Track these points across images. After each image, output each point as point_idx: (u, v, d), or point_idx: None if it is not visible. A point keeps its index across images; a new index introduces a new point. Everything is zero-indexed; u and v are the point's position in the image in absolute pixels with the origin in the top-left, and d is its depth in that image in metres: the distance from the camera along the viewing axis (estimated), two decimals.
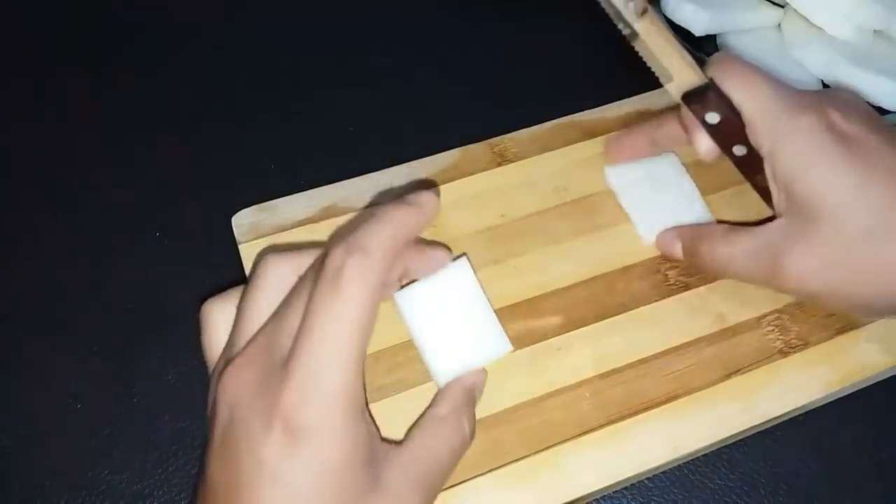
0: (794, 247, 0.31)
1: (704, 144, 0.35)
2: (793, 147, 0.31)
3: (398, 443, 0.29)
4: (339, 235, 0.27)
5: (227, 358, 0.28)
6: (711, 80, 0.33)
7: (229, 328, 0.29)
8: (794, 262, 0.31)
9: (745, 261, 0.33)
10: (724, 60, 0.34)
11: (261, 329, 0.28)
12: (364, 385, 0.27)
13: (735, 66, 0.33)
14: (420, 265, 0.32)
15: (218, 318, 0.30)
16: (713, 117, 0.33)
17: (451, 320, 0.33)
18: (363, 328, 0.26)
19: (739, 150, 0.34)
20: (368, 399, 0.34)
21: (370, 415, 0.28)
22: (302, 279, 0.28)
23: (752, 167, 0.34)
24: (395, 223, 0.28)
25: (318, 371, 0.25)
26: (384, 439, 0.29)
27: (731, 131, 0.33)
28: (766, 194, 0.34)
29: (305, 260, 0.29)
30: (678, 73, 0.35)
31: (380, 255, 0.26)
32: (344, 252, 0.26)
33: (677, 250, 0.37)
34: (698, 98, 0.34)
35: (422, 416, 0.30)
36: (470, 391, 0.32)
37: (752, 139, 0.33)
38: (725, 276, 0.36)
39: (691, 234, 0.37)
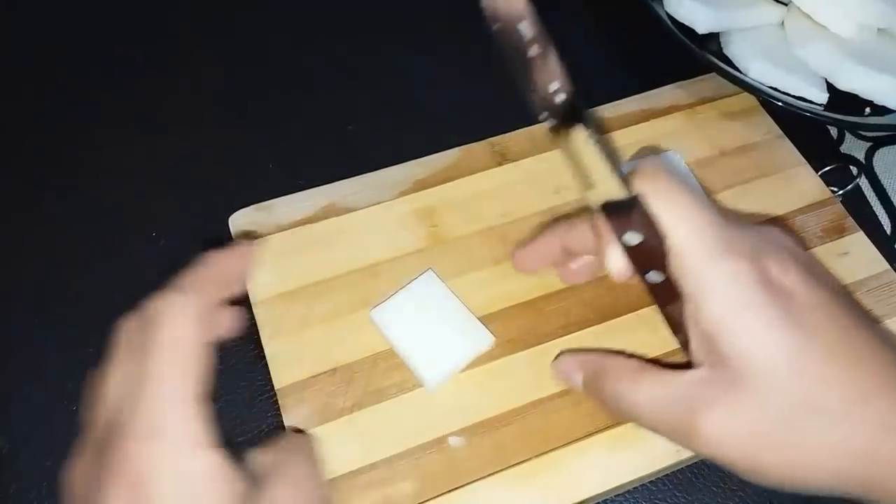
0: (713, 407, 0.27)
1: (617, 263, 0.30)
2: (722, 296, 0.27)
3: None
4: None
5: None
6: (637, 196, 0.28)
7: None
8: (712, 425, 0.26)
9: (654, 411, 0.28)
10: (655, 177, 0.28)
11: (94, 408, 0.27)
12: (210, 419, 0.26)
13: (666, 186, 0.28)
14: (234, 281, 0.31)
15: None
16: (633, 237, 0.28)
17: (429, 326, 0.35)
18: (189, 356, 0.25)
19: (655, 277, 0.29)
20: (370, 401, 0.34)
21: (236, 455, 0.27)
22: (113, 349, 0.28)
23: (665, 297, 0.29)
24: (210, 264, 0.30)
25: (147, 413, 0.24)
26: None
27: (649, 255, 0.28)
28: (677, 330, 0.30)
29: None
30: (601, 181, 0.28)
31: (195, 289, 0.27)
32: (157, 298, 0.27)
33: (577, 381, 0.33)
34: (619, 213, 0.28)
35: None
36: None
37: (676, 273, 0.28)
38: (631, 421, 0.31)
39: (594, 368, 0.32)
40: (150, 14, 0.52)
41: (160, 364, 0.25)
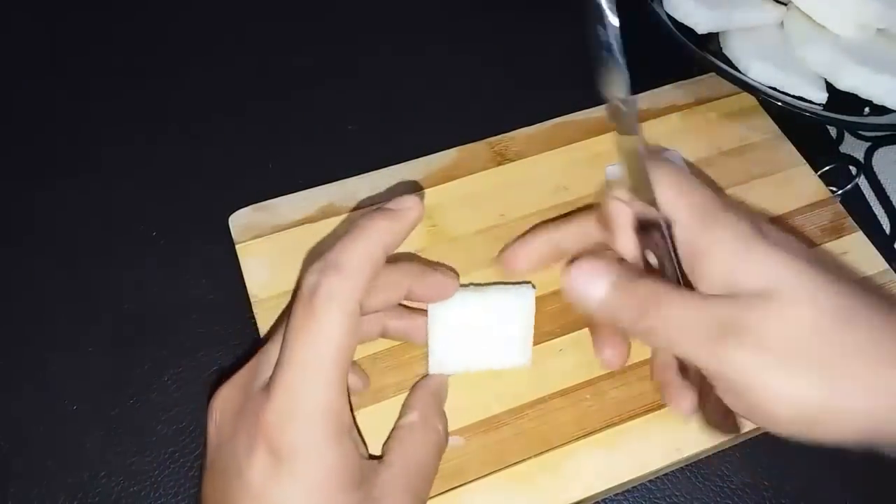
0: (745, 329, 0.26)
1: (628, 249, 0.30)
2: (732, 239, 0.27)
3: (379, 458, 0.29)
4: (317, 252, 0.27)
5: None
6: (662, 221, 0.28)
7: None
8: (745, 345, 0.26)
9: (683, 331, 0.27)
10: (665, 166, 0.30)
11: (252, 359, 0.28)
12: (350, 404, 0.27)
13: (671, 171, 0.29)
14: (424, 291, 0.31)
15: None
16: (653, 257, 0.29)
17: (481, 336, 0.33)
18: (342, 347, 0.26)
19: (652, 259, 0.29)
20: (369, 400, 0.34)
21: (359, 432, 0.28)
22: (286, 311, 0.29)
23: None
24: (372, 235, 0.27)
25: (298, 392, 0.25)
26: (370, 456, 0.29)
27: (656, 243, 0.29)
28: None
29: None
30: (638, 185, 0.29)
31: (355, 272, 0.26)
32: (318, 272, 0.26)
33: (597, 292, 0.29)
34: (648, 230, 0.29)
35: (394, 428, 0.31)
36: (436, 394, 0.32)
37: (684, 238, 0.28)
38: (651, 342, 0.30)
39: (620, 277, 0.29)
40: (150, 14, 0.52)
41: (317, 346, 0.25)
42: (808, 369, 0.26)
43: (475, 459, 0.33)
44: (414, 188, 0.41)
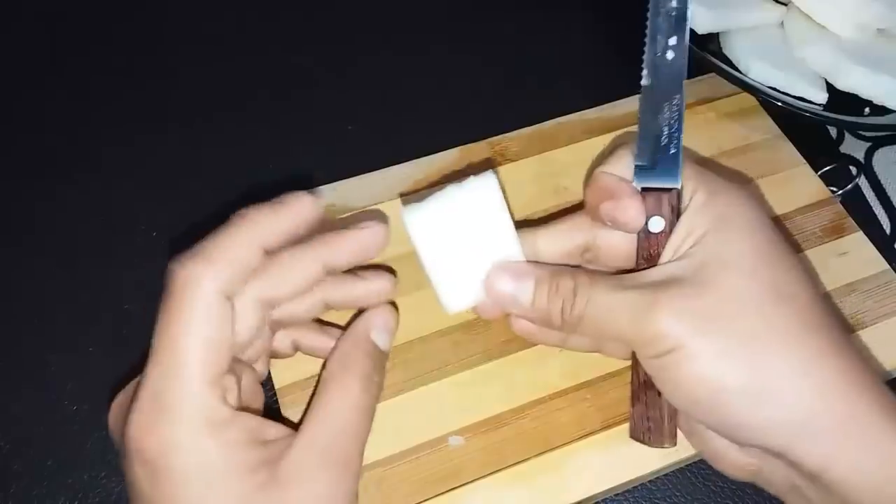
0: (675, 293, 0.26)
1: (635, 211, 0.30)
2: (727, 196, 0.29)
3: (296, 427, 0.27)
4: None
5: None
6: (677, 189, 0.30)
7: None
8: (672, 308, 0.26)
9: (612, 310, 0.27)
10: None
11: None
12: (234, 392, 0.26)
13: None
14: (345, 296, 0.30)
15: None
16: (657, 223, 0.30)
17: (467, 243, 0.30)
18: (207, 339, 0.24)
19: (656, 226, 0.30)
20: None
21: (257, 413, 0.27)
22: None
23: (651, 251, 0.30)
24: (244, 226, 0.26)
25: (158, 390, 0.24)
26: (284, 429, 0.27)
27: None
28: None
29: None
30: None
31: (218, 260, 0.25)
32: (178, 261, 0.25)
33: (525, 294, 0.29)
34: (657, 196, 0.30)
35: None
36: (359, 337, 0.29)
37: (688, 187, 0.30)
38: (589, 331, 0.29)
39: (547, 274, 0.29)
40: (149, 14, 0.52)
41: (175, 338, 0.24)
42: (732, 339, 0.26)
43: (475, 459, 0.33)
44: (414, 187, 0.41)
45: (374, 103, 0.47)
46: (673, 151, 0.30)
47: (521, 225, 0.33)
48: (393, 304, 0.32)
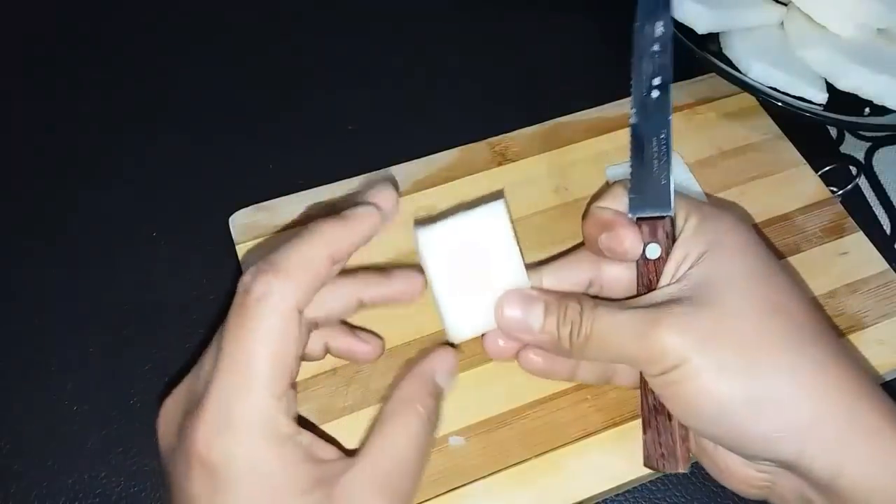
0: (677, 313, 0.27)
1: (632, 240, 0.30)
2: (718, 220, 0.30)
3: (353, 453, 0.27)
4: (253, 256, 0.27)
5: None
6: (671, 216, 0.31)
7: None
8: (673, 326, 0.27)
9: (617, 331, 0.28)
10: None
11: (190, 373, 0.27)
12: (294, 407, 0.26)
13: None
14: (378, 293, 0.30)
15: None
16: (654, 250, 0.31)
17: (476, 271, 0.30)
18: (278, 353, 0.25)
19: (653, 253, 0.31)
20: (367, 402, 0.34)
21: (320, 434, 0.27)
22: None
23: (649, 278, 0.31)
24: (316, 240, 0.26)
25: (227, 401, 0.24)
26: (340, 450, 0.27)
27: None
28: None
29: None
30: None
31: (293, 274, 0.25)
32: (253, 272, 0.25)
33: (534, 321, 0.29)
34: (652, 225, 0.31)
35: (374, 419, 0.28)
36: (424, 376, 0.29)
37: (680, 215, 0.31)
38: (595, 354, 0.29)
39: (556, 300, 0.29)
40: (150, 14, 0.52)
41: (249, 350, 0.24)
42: (733, 352, 0.26)
43: (476, 460, 0.33)
44: (415, 188, 0.41)
45: (374, 103, 0.47)
46: (664, 182, 0.32)
47: (521, 223, 0.33)
48: (451, 345, 0.32)
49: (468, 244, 0.31)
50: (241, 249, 0.38)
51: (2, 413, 0.36)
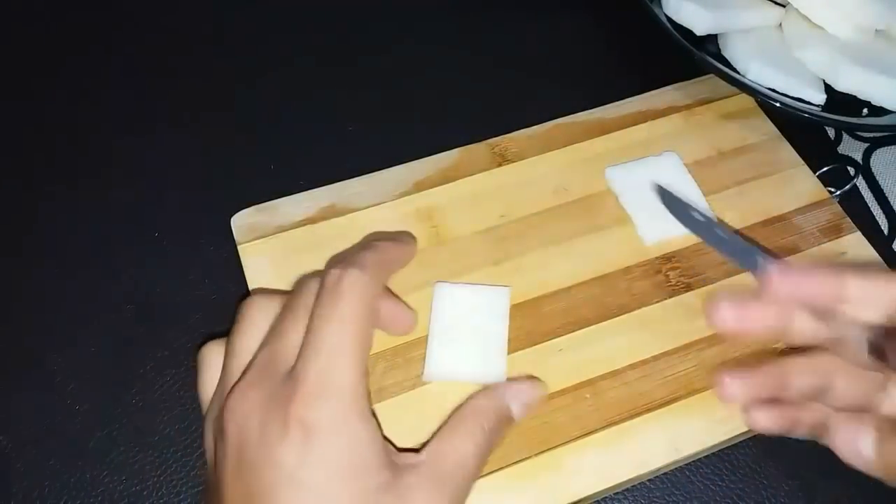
0: None
1: None
2: None
3: (417, 451, 0.29)
4: (334, 260, 0.29)
5: (222, 392, 0.29)
6: None
7: (265, 329, 0.30)
8: None
9: None
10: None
11: (256, 355, 0.29)
12: (368, 390, 0.28)
13: None
14: (387, 315, 0.33)
15: (215, 359, 0.30)
16: None
17: (470, 331, 0.35)
18: (364, 331, 0.28)
19: None
20: (371, 400, 0.34)
21: (378, 424, 0.29)
22: (292, 304, 0.29)
23: None
24: (385, 250, 0.31)
25: (327, 370, 0.26)
26: (404, 449, 0.29)
27: None
28: None
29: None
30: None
31: (373, 270, 0.29)
32: (341, 268, 0.28)
33: (865, 450, 0.29)
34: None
35: (439, 427, 0.30)
36: (495, 397, 0.31)
37: None
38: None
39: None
40: (150, 14, 0.52)
41: (343, 331, 0.27)
42: None
43: None
44: (415, 188, 0.41)
45: (374, 103, 0.48)
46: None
47: (522, 223, 0.33)
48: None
49: (469, 314, 0.35)
50: (243, 250, 0.39)
51: (2, 413, 0.37)
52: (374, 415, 0.28)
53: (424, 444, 0.29)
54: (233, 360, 0.29)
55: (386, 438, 0.28)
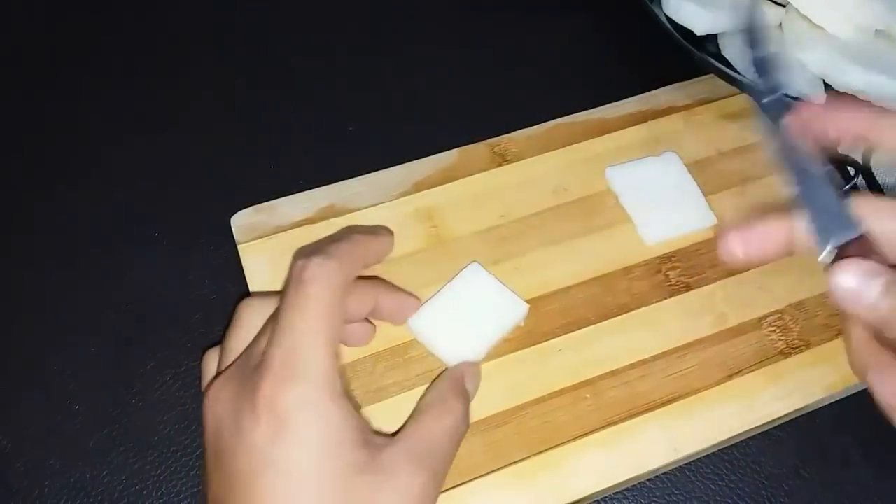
0: None
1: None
2: None
3: (393, 434, 0.29)
4: (301, 252, 0.29)
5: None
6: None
7: (257, 329, 0.30)
8: None
9: None
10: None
11: (241, 354, 0.29)
12: (343, 375, 0.28)
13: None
14: (390, 307, 0.34)
15: (212, 364, 0.31)
16: None
17: (470, 317, 0.35)
18: (330, 315, 0.27)
19: None
20: (370, 400, 0.34)
21: (358, 408, 0.29)
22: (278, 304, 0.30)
23: None
24: (355, 240, 0.31)
25: (292, 352, 0.26)
26: (379, 432, 0.29)
27: None
28: None
29: None
30: None
31: (340, 260, 0.29)
32: (306, 257, 0.28)
33: (871, 295, 0.25)
34: None
35: (413, 410, 0.31)
36: (457, 379, 0.32)
37: None
38: None
39: None
40: (150, 14, 0.52)
41: (307, 316, 0.27)
42: None
43: (476, 458, 0.33)
44: (415, 188, 0.41)
45: (374, 103, 0.48)
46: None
47: (521, 223, 0.33)
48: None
49: (487, 301, 0.36)
50: (243, 249, 0.39)
51: (2, 413, 0.37)
52: (350, 397, 0.28)
53: (399, 430, 0.29)
54: (224, 360, 0.30)
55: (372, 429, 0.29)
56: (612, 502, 0.35)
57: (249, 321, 0.30)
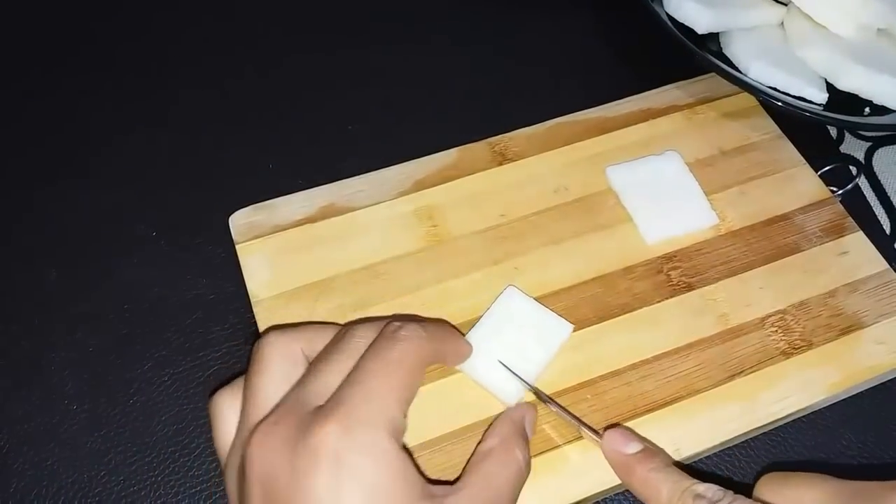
0: None
1: None
2: None
3: (452, 483, 0.29)
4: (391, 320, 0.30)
5: (244, 435, 0.28)
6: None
7: (286, 368, 0.29)
8: None
9: None
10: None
11: (287, 396, 0.28)
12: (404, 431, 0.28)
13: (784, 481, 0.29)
14: (452, 355, 0.34)
15: (228, 409, 0.29)
16: None
17: (515, 345, 0.35)
18: (411, 380, 0.28)
19: None
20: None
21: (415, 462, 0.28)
22: (340, 347, 0.29)
23: None
24: (447, 331, 0.32)
25: (366, 401, 0.26)
26: (438, 481, 0.29)
27: None
28: None
29: (308, 335, 0.30)
30: None
31: (432, 337, 0.30)
32: (402, 322, 0.29)
33: (631, 449, 0.31)
34: None
35: (473, 454, 0.30)
36: (517, 423, 0.32)
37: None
38: None
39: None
40: (150, 14, 0.52)
41: (390, 370, 0.27)
42: None
43: None
44: (415, 188, 0.41)
45: (374, 103, 0.47)
46: None
47: (521, 223, 0.32)
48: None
49: (529, 324, 0.35)
50: (241, 249, 0.38)
51: (2, 413, 0.36)
52: (409, 452, 0.27)
53: (457, 479, 0.29)
54: (252, 402, 0.28)
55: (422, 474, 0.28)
56: (612, 503, 0.35)
57: (275, 360, 0.29)
